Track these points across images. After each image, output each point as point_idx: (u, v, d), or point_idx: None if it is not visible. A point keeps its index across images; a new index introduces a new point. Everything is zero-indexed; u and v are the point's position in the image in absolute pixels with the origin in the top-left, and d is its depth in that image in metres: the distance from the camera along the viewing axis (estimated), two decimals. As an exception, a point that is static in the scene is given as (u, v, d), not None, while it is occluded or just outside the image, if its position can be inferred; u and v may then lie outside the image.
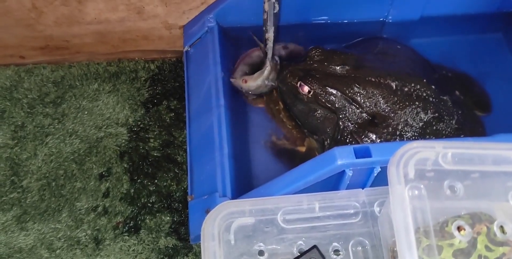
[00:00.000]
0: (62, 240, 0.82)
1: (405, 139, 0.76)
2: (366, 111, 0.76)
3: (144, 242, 0.82)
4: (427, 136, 0.77)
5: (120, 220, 0.84)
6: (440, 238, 0.48)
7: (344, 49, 0.86)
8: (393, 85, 0.77)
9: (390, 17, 0.94)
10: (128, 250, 0.81)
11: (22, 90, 0.97)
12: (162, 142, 0.92)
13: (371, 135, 0.75)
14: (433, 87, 0.78)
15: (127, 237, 0.82)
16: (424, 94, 0.77)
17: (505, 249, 0.47)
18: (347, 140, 0.77)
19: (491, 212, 0.50)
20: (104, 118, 0.94)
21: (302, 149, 0.85)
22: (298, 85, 0.79)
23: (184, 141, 0.91)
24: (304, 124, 0.83)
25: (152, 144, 0.92)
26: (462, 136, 0.79)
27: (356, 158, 0.59)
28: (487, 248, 0.47)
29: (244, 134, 0.86)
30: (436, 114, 0.77)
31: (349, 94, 0.76)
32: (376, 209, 0.61)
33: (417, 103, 0.77)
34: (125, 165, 0.89)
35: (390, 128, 0.76)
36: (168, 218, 0.84)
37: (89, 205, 0.85)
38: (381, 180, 0.59)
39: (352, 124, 0.77)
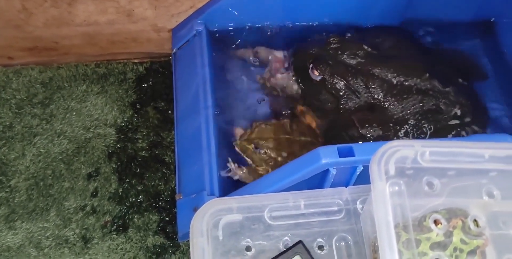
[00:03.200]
0: (50, 239, 0.83)
1: (399, 129, 0.81)
2: (365, 101, 0.82)
3: (132, 240, 0.83)
4: (426, 126, 0.81)
5: (108, 219, 0.85)
6: (418, 232, 0.50)
7: (359, 41, 0.90)
8: (394, 80, 0.83)
9: (369, 23, 0.97)
10: (116, 249, 0.82)
11: (10, 90, 0.98)
12: (150, 142, 0.94)
13: (368, 119, 0.81)
14: (436, 81, 0.83)
15: (115, 235, 0.83)
16: (424, 88, 0.83)
17: (479, 242, 0.50)
18: (345, 122, 0.82)
19: (466, 208, 0.52)
20: (92, 119, 0.95)
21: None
22: (310, 67, 0.84)
23: (172, 142, 0.93)
24: (307, 101, 0.88)
25: (140, 145, 0.93)
26: (465, 123, 0.83)
27: (340, 157, 0.61)
28: (462, 241, 0.50)
29: (231, 134, 0.88)
30: (434, 107, 0.82)
31: (353, 84, 0.82)
32: (359, 206, 0.63)
33: (415, 96, 0.82)
34: (114, 165, 0.91)
35: (385, 117, 0.81)
36: (156, 217, 0.86)
37: (77, 204, 0.86)
38: (364, 178, 0.62)
39: (350, 110, 0.83)
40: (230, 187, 0.76)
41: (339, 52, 0.85)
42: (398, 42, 0.91)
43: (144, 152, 0.93)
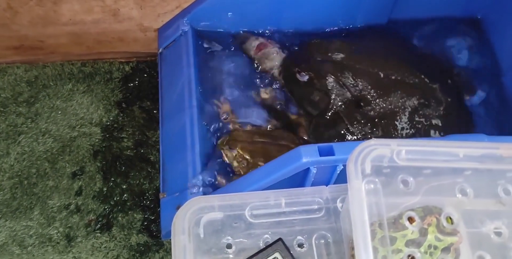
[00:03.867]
0: (34, 237, 0.83)
1: (388, 121, 0.82)
2: (353, 95, 0.83)
3: (116, 239, 0.83)
4: (416, 120, 0.83)
5: (93, 217, 0.86)
6: (394, 229, 0.51)
7: (342, 39, 0.91)
8: (381, 74, 0.84)
9: (358, 22, 0.98)
10: (100, 247, 0.82)
11: (-5, 89, 0.98)
12: (135, 141, 0.94)
13: (357, 116, 0.82)
14: (422, 76, 0.85)
15: (99, 234, 0.84)
16: (411, 82, 0.84)
17: (453, 239, 0.51)
18: (333, 119, 0.84)
19: (442, 206, 0.53)
20: (78, 118, 0.95)
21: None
22: (296, 70, 0.86)
23: (157, 141, 0.93)
24: (301, 106, 0.89)
25: (126, 144, 0.94)
26: (450, 121, 0.85)
27: (320, 156, 0.62)
28: (436, 238, 0.51)
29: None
30: (422, 100, 0.83)
31: (341, 79, 0.83)
32: (339, 205, 0.64)
33: (402, 89, 0.83)
34: (98, 164, 0.91)
35: (373, 112, 0.82)
36: (140, 215, 0.86)
37: (61, 203, 0.86)
38: (344, 177, 0.62)
39: (340, 105, 0.83)
40: (214, 185, 0.77)
41: (322, 52, 0.87)
42: (384, 41, 0.92)
43: (129, 151, 0.93)
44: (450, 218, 0.50)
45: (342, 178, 0.65)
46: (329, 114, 0.84)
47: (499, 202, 0.50)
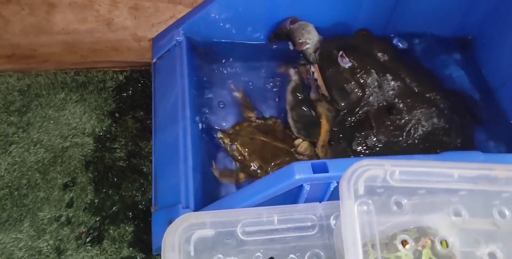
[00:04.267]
0: (23, 250, 0.81)
1: (411, 137, 0.81)
2: (387, 99, 0.82)
3: (106, 252, 0.82)
4: (428, 144, 0.82)
5: (83, 230, 0.84)
6: (388, 251, 0.50)
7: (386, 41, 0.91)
8: (416, 89, 0.83)
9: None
10: (90, 261, 0.81)
11: (-14, 98, 0.97)
12: (128, 152, 0.93)
13: (385, 121, 0.81)
14: (448, 101, 0.84)
15: (89, 247, 0.82)
16: (441, 105, 0.83)
17: (447, 261, 0.50)
18: (361, 118, 0.83)
19: (437, 227, 0.53)
20: (70, 128, 0.94)
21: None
22: (340, 54, 0.83)
23: (150, 152, 0.92)
24: (331, 92, 0.86)
25: (118, 154, 0.93)
26: (454, 139, 0.84)
27: (314, 173, 0.61)
28: (430, 260, 0.50)
29: (209, 146, 0.88)
30: (447, 126, 0.82)
31: (381, 79, 0.82)
32: (332, 222, 0.63)
33: (432, 109, 0.82)
34: (90, 175, 0.90)
35: (402, 121, 0.81)
36: (131, 228, 0.85)
37: (52, 215, 0.85)
38: (338, 194, 0.62)
39: (372, 105, 0.82)
40: (206, 200, 0.76)
41: (369, 45, 0.85)
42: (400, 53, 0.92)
43: (122, 162, 0.92)
44: (445, 241, 0.50)
45: (336, 194, 0.64)
46: (360, 112, 0.83)
47: (494, 224, 0.49)
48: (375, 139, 0.80)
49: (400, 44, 0.98)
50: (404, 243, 0.49)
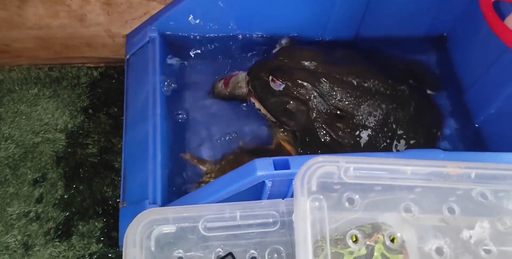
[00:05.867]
0: (-10, 246, 0.81)
1: (369, 130, 0.82)
2: (332, 104, 0.82)
3: (75, 248, 0.82)
4: (390, 125, 0.83)
5: (52, 226, 0.84)
6: (342, 246, 0.51)
7: (312, 47, 0.90)
8: (354, 82, 0.83)
9: (327, 35, 0.99)
10: (58, 256, 0.81)
11: (-42, 92, 0.96)
12: (101, 148, 0.93)
13: (340, 126, 0.82)
14: (389, 81, 0.85)
15: (58, 243, 0.82)
16: (382, 89, 0.84)
17: (399, 256, 0.51)
18: (317, 131, 0.83)
19: (391, 223, 0.53)
20: (42, 123, 0.94)
21: (271, 147, 0.88)
22: (270, 79, 0.82)
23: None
24: (277, 117, 0.85)
25: (90, 150, 0.92)
26: (421, 119, 0.87)
27: (275, 170, 0.62)
28: (383, 255, 0.50)
29: (180, 143, 0.88)
30: (394, 105, 0.84)
31: (318, 87, 0.81)
32: (293, 218, 0.63)
33: (376, 96, 0.83)
34: (61, 171, 0.90)
35: (355, 120, 0.82)
36: (101, 224, 0.85)
37: (20, 210, 0.85)
38: (300, 191, 0.62)
39: (321, 115, 0.82)
40: (174, 196, 0.76)
41: (295, 59, 0.84)
42: (350, 52, 0.92)
43: (93, 158, 0.92)
44: (395, 237, 0.50)
45: (298, 191, 0.65)
46: (313, 125, 0.82)
47: (443, 221, 0.50)
48: (339, 145, 0.81)
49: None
50: (354, 238, 0.50)
